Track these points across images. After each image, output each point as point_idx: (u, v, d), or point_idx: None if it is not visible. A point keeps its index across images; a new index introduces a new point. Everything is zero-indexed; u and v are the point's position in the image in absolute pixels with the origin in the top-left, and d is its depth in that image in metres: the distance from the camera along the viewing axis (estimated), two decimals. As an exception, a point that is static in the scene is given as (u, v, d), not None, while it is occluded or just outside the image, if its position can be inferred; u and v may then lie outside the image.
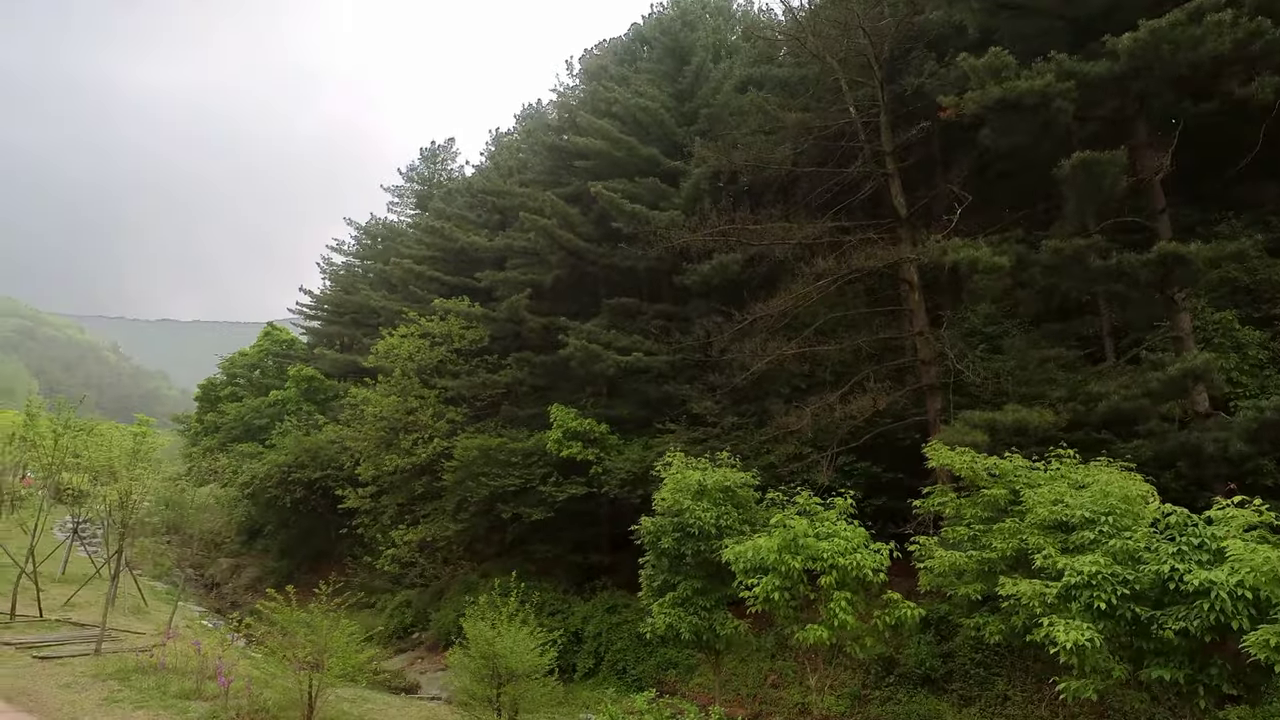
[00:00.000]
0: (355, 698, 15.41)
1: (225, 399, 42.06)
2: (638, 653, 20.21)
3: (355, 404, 28.25)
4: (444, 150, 43.54)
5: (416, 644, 24.55)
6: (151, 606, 22.18)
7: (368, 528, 28.02)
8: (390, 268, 34.61)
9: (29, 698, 12.78)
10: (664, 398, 22.85)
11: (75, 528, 25.10)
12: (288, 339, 45.83)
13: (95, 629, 16.89)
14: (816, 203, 21.90)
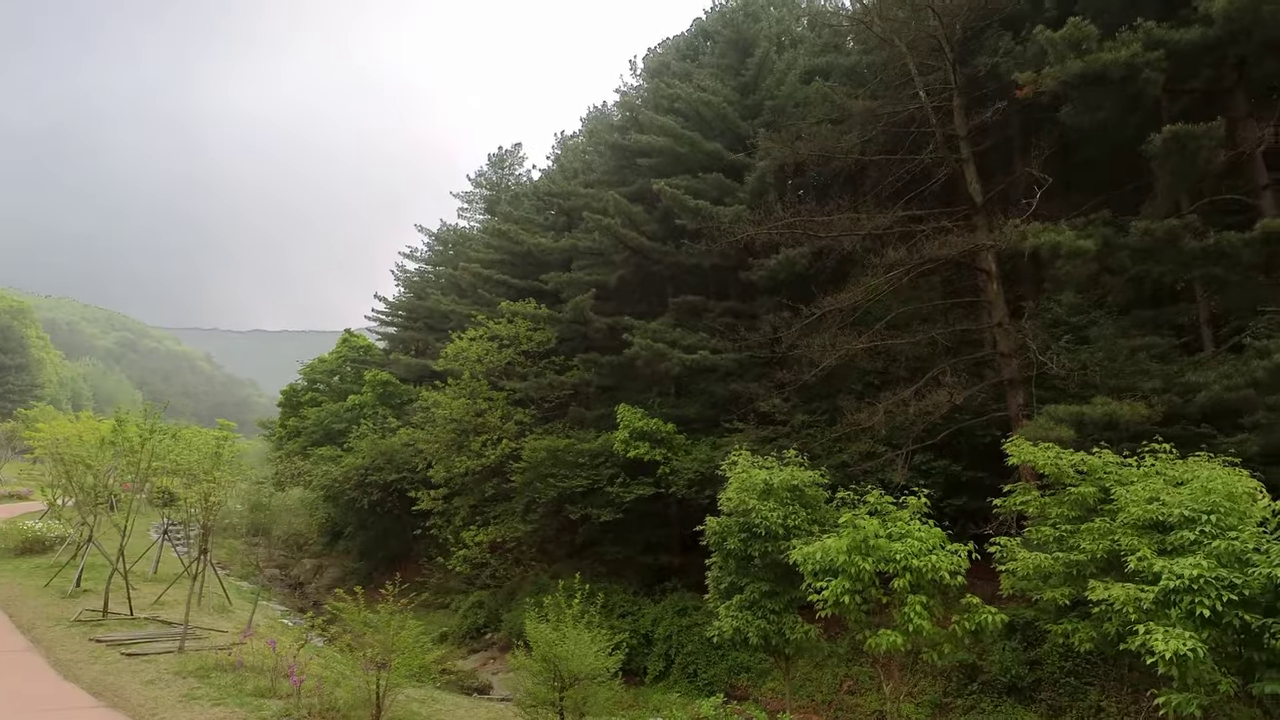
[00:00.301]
0: (425, 698, 15.49)
1: (306, 404, 43.32)
2: (709, 656, 19.85)
3: (427, 407, 28.65)
4: (511, 155, 44.02)
5: (489, 644, 24.69)
6: (235, 605, 22.83)
7: (441, 529, 28.35)
8: (459, 272, 35.08)
9: (114, 694, 13.20)
10: (731, 396, 22.44)
11: (165, 529, 26.08)
12: (364, 345, 46.95)
13: (180, 627, 17.43)
14: (886, 192, 21.18)
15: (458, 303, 34.30)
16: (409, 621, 13.14)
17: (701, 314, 24.29)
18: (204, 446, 19.53)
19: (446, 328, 34.74)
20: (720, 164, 24.48)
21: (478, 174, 44.24)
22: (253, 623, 19.85)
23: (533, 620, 12.02)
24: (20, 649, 15.69)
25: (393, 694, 12.82)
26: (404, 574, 34.19)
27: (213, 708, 12.86)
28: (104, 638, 16.74)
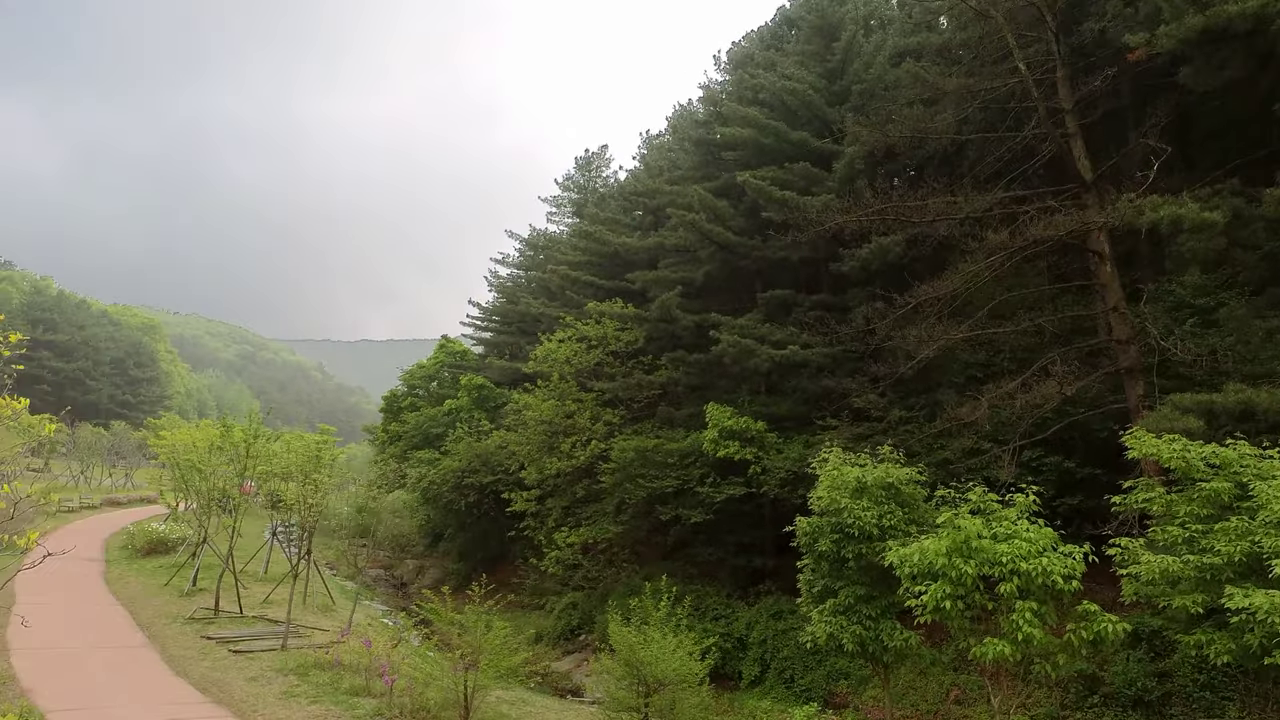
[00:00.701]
0: (515, 700, 15.45)
1: (406, 409, 44.57)
2: (805, 661, 19.17)
3: (518, 409, 28.90)
4: (597, 157, 44.16)
5: (583, 646, 24.62)
6: (339, 604, 23.50)
7: (535, 530, 28.53)
8: (548, 275, 35.34)
9: (219, 689, 13.64)
10: (824, 393, 21.68)
11: (274, 531, 27.11)
12: (460, 350, 48.00)
13: (289, 625, 18.00)
14: (985, 173, 20.01)
15: (547, 305, 34.54)
16: (496, 623, 13.09)
17: (791, 308, 23.61)
18: (304, 450, 20.14)
19: (537, 331, 35.05)
20: (807, 153, 23.74)
21: (565, 178, 44.64)
22: (352, 622, 20.33)
23: (616, 623, 11.73)
24: (137, 645, 16.47)
25: (481, 695, 12.80)
26: (501, 575, 34.78)
27: (310, 705, 13.13)
28: (214, 635, 17.42)
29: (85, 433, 65.12)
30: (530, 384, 29.14)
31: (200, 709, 12.58)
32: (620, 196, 35.48)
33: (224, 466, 21.77)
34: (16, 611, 18.32)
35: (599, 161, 44.16)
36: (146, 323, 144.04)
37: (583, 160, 44.24)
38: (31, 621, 17.50)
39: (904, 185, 21.60)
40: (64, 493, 45.62)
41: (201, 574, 22.63)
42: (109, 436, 64.59)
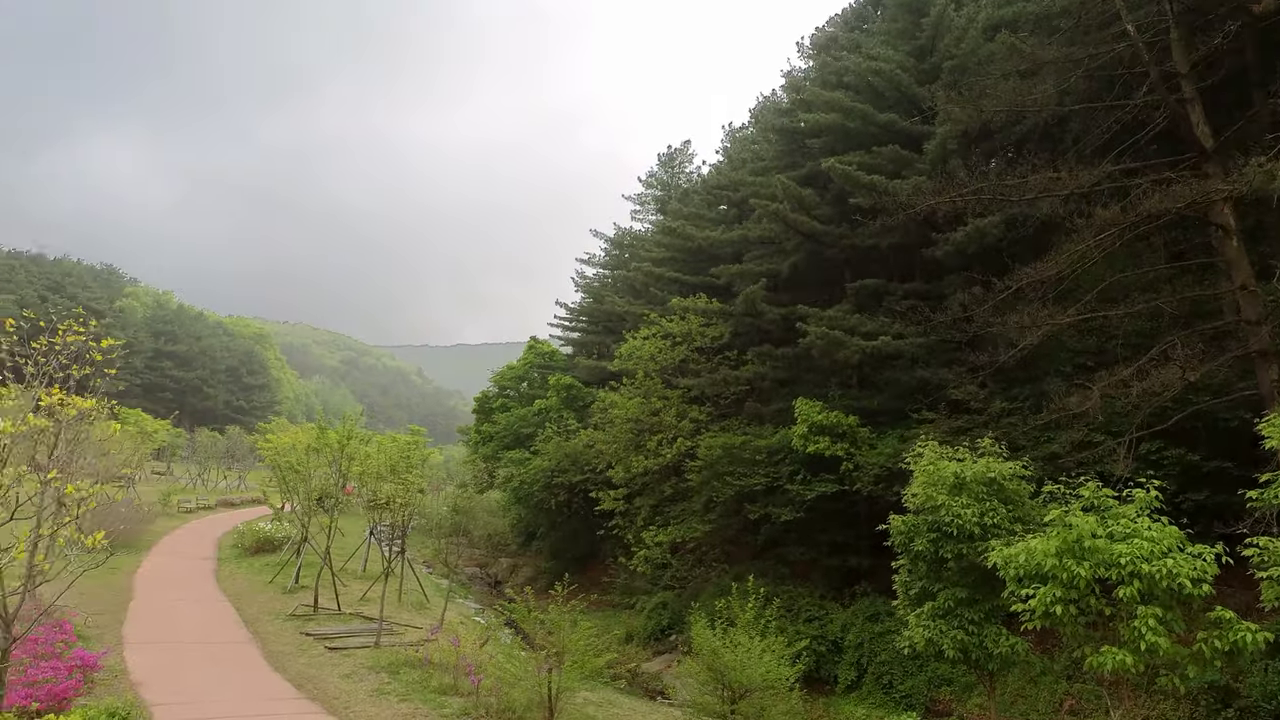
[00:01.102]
0: (602, 701, 15.25)
1: (497, 410, 45.24)
2: (905, 666, 18.31)
3: (604, 408, 28.81)
4: (680, 153, 43.78)
5: (672, 646, 24.30)
6: (433, 602, 23.89)
7: (624, 529, 28.39)
8: (632, 273, 35.19)
9: (314, 685, 13.92)
10: (918, 385, 20.71)
11: (372, 530, 27.78)
12: (549, 351, 48.43)
13: (383, 623, 18.34)
14: (1090, 147, 18.66)
15: (631, 303, 34.38)
16: (581, 622, 12.91)
17: (882, 297, 22.69)
18: (395, 451, 20.49)
19: (622, 329, 34.97)
20: (895, 135, 22.77)
21: (648, 175, 44.45)
22: (444, 619, 20.59)
23: (700, 626, 11.31)
24: (241, 640, 17.03)
25: (567, 696, 12.62)
26: (592, 573, 34.79)
27: (399, 703, 13.24)
28: (312, 632, 17.88)
29: (203, 437, 68.84)
30: (616, 382, 29.04)
31: (294, 704, 12.84)
32: (703, 191, 35.00)
33: (321, 468, 22.40)
34: (133, 607, 19.31)
35: (681, 157, 43.79)
36: (257, 332, 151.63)
37: (665, 157, 43.97)
38: (145, 617, 18.40)
39: (1001, 164, 20.39)
40: (182, 494, 48.21)
41: (303, 572, 23.36)
42: (224, 440, 67.88)
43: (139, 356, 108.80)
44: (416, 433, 22.52)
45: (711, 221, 31.94)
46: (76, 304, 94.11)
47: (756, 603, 11.89)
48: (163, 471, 68.07)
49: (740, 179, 29.00)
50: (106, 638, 15.99)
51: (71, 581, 6.72)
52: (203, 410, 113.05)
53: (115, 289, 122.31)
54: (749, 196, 27.01)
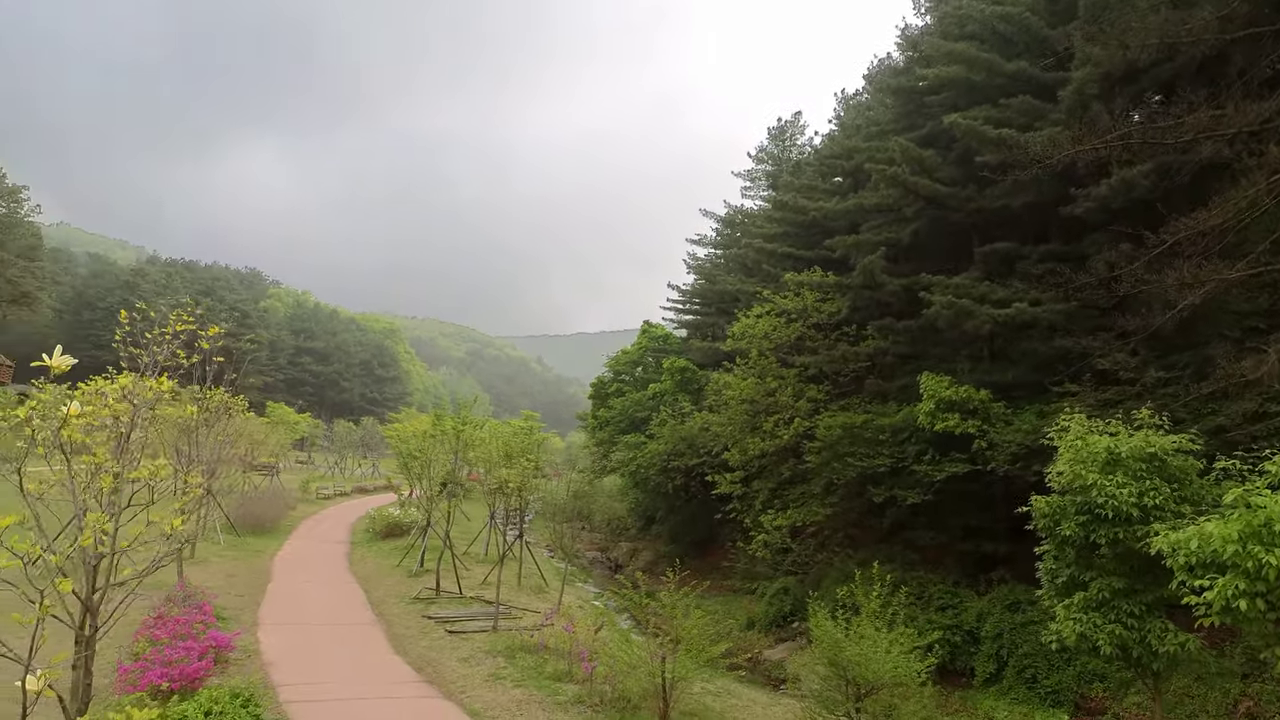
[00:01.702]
0: (720, 690, 14.71)
1: (612, 395, 45.24)
2: (1050, 659, 16.89)
3: (718, 389, 28.10)
4: (791, 125, 42.23)
5: (795, 633, 23.47)
6: (552, 586, 23.97)
7: (742, 513, 27.71)
8: (743, 251, 34.23)
9: (433, 669, 14.01)
10: (1058, 355, 18.98)
11: (493, 514, 28.21)
12: (663, 334, 48.02)
13: (502, 607, 18.44)
14: (1258, 79, 16.45)
15: (744, 282, 33.42)
16: (694, 610, 12.39)
17: (1014, 262, 20.96)
18: (508, 436, 20.59)
19: (734, 309, 34.13)
20: (1025, 84, 20.93)
21: (758, 150, 43.03)
22: (561, 604, 20.55)
23: (820, 615, 10.51)
24: (367, 622, 17.46)
25: (684, 686, 12.15)
26: (712, 558, 34.28)
27: (514, 689, 13.13)
28: (433, 615, 18.15)
29: (339, 427, 72.58)
30: (730, 363, 28.29)
31: (413, 688, 12.93)
32: (816, 162, 33.60)
33: (440, 454, 22.81)
34: (270, 589, 20.18)
35: (793, 129, 42.24)
36: (388, 327, 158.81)
37: (775, 130, 42.51)
38: (281, 599, 19.17)
39: (1150, 107, 18.35)
40: (321, 481, 50.83)
41: (429, 555, 23.90)
42: (358, 430, 71.25)
43: (282, 354, 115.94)
44: (530, 417, 22.61)
45: (825, 193, 30.57)
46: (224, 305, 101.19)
47: (883, 590, 10.99)
48: (305, 461, 72.27)
49: (854, 146, 27.56)
50: (243, 618, 16.68)
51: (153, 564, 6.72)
52: (340, 403, 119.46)
53: (259, 291, 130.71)
54: (864, 163, 25.57)
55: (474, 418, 21.32)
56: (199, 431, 20.73)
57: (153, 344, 8.14)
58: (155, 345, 8.18)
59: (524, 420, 22.37)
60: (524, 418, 22.81)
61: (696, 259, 48.18)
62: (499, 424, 23.40)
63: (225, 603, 17.80)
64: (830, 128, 38.06)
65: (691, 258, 48.33)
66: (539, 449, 22.06)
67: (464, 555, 26.14)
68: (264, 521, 30.91)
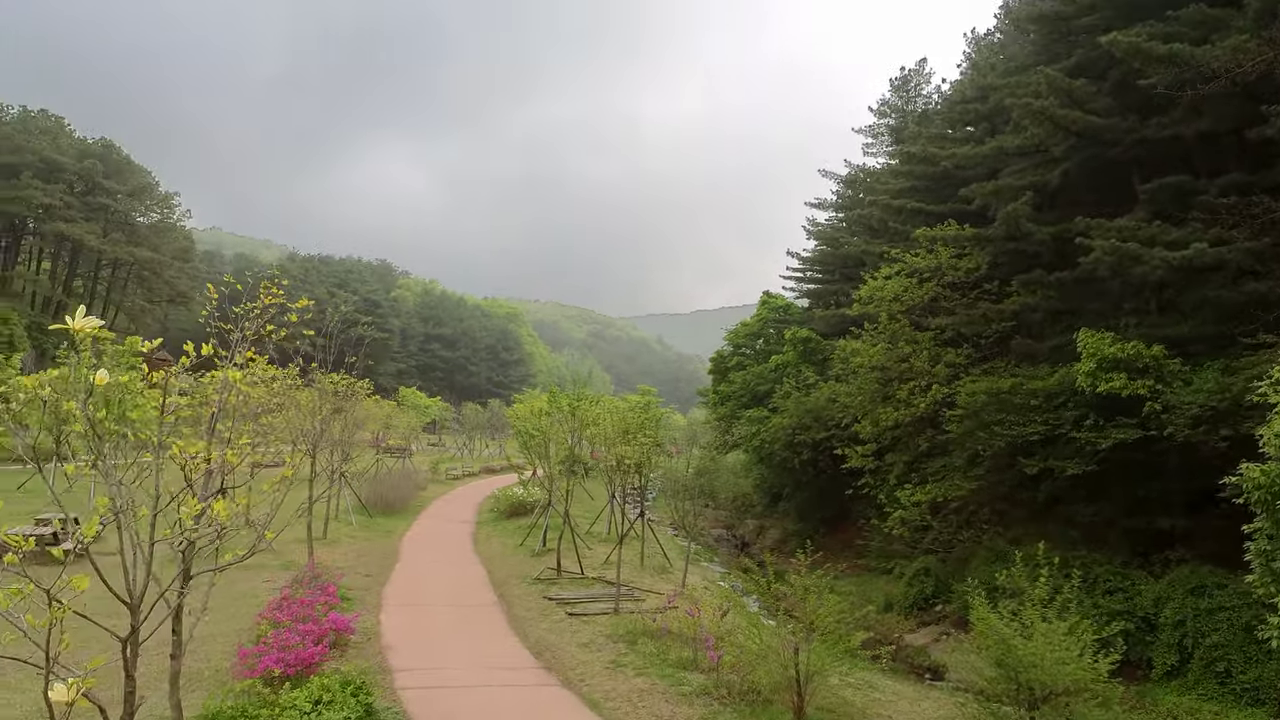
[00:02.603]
0: (860, 683, 13.42)
1: (732, 369, 43.97)
2: (1246, 651, 14.71)
3: (845, 358, 26.42)
4: (915, 74, 39.29)
5: (940, 617, 21.77)
6: (675, 566, 23.16)
7: (875, 488, 26.06)
8: (867, 211, 32.14)
9: (552, 654, 13.41)
10: (1250, 301, 16.41)
11: (613, 493, 27.66)
12: (782, 305, 46.20)
13: (623, 588, 17.76)
14: None
15: (869, 243, 31.40)
16: (829, 596, 11.19)
17: (1188, 198, 18.29)
18: (625, 411, 19.81)
19: (859, 272, 32.17)
20: (1198, -8, 18.16)
21: (880, 103, 40.37)
22: (685, 584, 19.69)
23: (980, 605, 9.09)
24: (489, 603, 17.12)
25: (820, 678, 10.99)
26: (843, 536, 32.68)
27: (635, 677, 12.33)
28: (554, 596, 17.64)
29: (467, 410, 74.43)
30: (857, 328, 26.54)
31: (532, 675, 12.35)
32: (945, 109, 31.05)
33: (559, 432, 22.35)
34: (397, 569, 20.27)
35: (917, 79, 39.32)
36: (511, 312, 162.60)
37: (898, 81, 39.71)
38: (406, 579, 19.17)
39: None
40: (450, 463, 52.05)
41: (551, 535, 23.56)
42: (485, 413, 72.75)
43: (412, 341, 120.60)
44: (646, 393, 21.74)
45: (957, 141, 28.15)
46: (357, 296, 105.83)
47: (1051, 575, 9.44)
48: (436, 444, 74.61)
49: (991, 84, 25.07)
50: (368, 599, 16.65)
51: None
52: (468, 386, 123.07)
53: (390, 281, 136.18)
54: (1003, 102, 23.10)
55: (589, 393, 20.61)
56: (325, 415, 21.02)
57: (242, 319, 7.69)
58: (245, 320, 7.75)
59: (640, 396, 21.44)
60: (640, 393, 21.89)
61: (816, 225, 46.12)
62: (615, 399, 22.58)
63: (351, 583, 17.89)
64: (958, 74, 35.23)
65: (811, 224, 46.30)
66: (657, 425, 21.15)
67: (586, 534, 25.70)
68: (394, 502, 31.57)
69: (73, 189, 67.34)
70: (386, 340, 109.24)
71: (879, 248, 28.74)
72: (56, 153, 65.88)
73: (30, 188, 62.16)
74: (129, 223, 73.29)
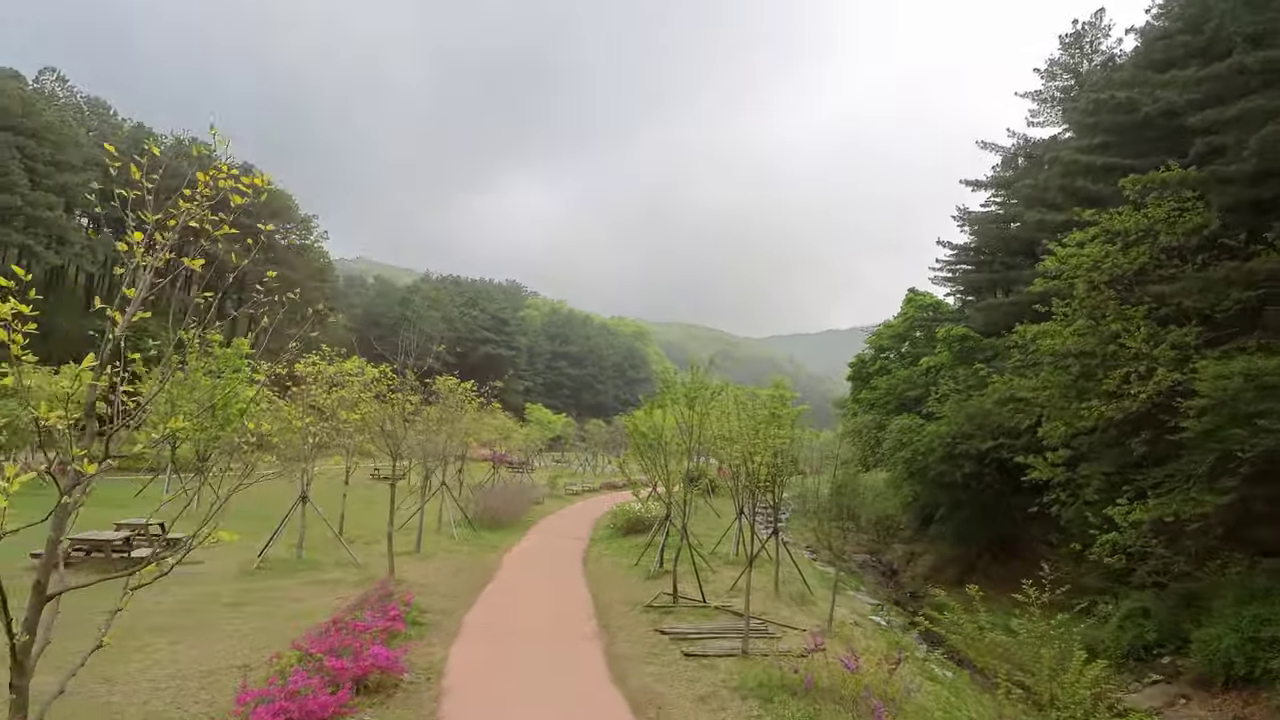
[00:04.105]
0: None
1: (875, 374, 39.32)
2: None
3: (1022, 344, 21.72)
4: (1091, 28, 33.67)
5: (1171, 672, 16.81)
6: (817, 595, 19.21)
7: (1064, 505, 21.20)
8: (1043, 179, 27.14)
9: (657, 709, 9.90)
10: None
11: (741, 508, 23.96)
12: (931, 302, 41.16)
13: (754, 621, 14.10)
14: None
15: (1045, 214, 26.36)
16: (1077, 654, 7.22)
17: None
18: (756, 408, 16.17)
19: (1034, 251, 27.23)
20: None
21: (1048, 63, 34.84)
22: (832, 620, 15.77)
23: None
24: (586, 636, 13.80)
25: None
26: (1014, 564, 27.37)
27: (772, 761, 8.65)
28: (668, 629, 14.12)
29: (591, 425, 72.84)
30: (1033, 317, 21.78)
31: (625, 740, 8.92)
32: (1142, 51, 25.75)
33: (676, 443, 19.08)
34: (489, 589, 17.37)
35: (1093, 32, 33.70)
36: (638, 331, 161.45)
37: (1070, 37, 34.19)
38: (497, 601, 16.21)
39: None
40: (570, 478, 49.73)
41: (669, 553, 20.15)
42: (609, 429, 70.78)
43: (540, 359, 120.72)
44: (780, 385, 17.97)
45: (1157, 85, 22.99)
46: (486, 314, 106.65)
47: None
48: (560, 459, 73.35)
49: (1210, 4, 20.01)
50: (446, 624, 13.75)
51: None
52: (595, 405, 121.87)
53: (518, 301, 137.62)
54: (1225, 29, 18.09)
55: (709, 382, 17.05)
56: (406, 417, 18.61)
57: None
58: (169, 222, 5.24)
59: (774, 389, 17.77)
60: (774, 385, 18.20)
61: (967, 214, 40.76)
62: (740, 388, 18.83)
63: (430, 604, 15.10)
64: (1149, 19, 29.69)
65: (962, 212, 41.00)
66: (793, 423, 17.33)
67: (710, 555, 22.12)
68: (504, 516, 29.25)
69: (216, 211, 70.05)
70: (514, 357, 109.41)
71: (1058, 218, 23.89)
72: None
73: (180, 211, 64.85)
74: (269, 244, 75.86)
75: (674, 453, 18.33)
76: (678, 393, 16.90)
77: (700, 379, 16.36)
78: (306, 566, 18.34)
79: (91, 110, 69.96)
